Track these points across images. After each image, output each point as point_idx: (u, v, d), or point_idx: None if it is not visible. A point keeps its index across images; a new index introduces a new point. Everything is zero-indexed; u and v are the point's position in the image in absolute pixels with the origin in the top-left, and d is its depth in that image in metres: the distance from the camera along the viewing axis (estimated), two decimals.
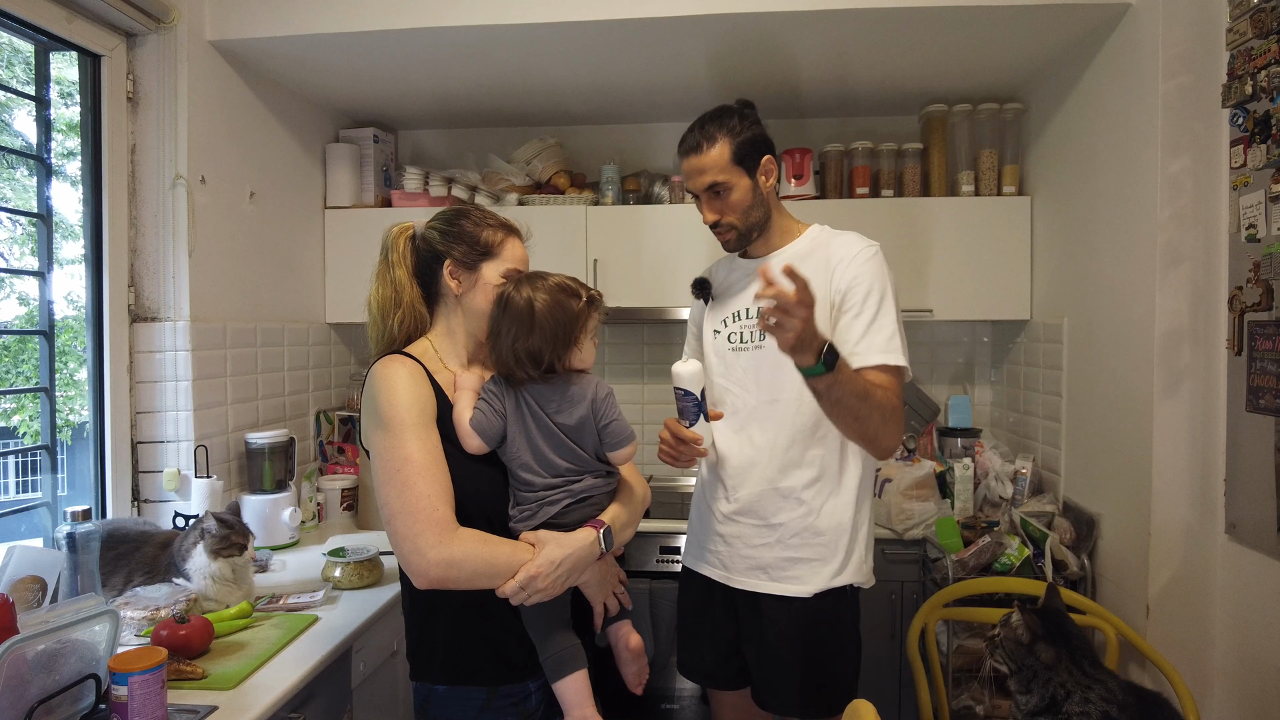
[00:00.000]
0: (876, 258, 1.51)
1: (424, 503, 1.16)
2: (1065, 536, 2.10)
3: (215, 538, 1.61)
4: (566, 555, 1.20)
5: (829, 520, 1.51)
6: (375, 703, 1.72)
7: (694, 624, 1.67)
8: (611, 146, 2.90)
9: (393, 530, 1.17)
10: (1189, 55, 1.75)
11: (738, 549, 1.56)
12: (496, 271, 1.31)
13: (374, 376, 1.24)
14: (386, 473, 1.18)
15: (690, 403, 1.42)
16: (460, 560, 1.16)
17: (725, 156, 1.48)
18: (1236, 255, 1.67)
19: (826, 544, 1.51)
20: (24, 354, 1.86)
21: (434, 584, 1.16)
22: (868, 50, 2.19)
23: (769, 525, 1.53)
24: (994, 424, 2.83)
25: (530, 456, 1.25)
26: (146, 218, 2.02)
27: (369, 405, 1.24)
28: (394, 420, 1.19)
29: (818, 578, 1.50)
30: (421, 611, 1.28)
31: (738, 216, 1.53)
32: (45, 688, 1.13)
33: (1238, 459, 1.68)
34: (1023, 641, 1.45)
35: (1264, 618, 1.61)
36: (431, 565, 1.14)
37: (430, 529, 1.15)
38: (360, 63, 2.27)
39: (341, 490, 2.46)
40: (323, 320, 2.69)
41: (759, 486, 1.53)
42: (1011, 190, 2.52)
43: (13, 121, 1.83)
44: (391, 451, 1.18)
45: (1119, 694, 1.41)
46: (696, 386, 1.41)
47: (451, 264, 1.32)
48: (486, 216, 1.35)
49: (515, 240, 1.36)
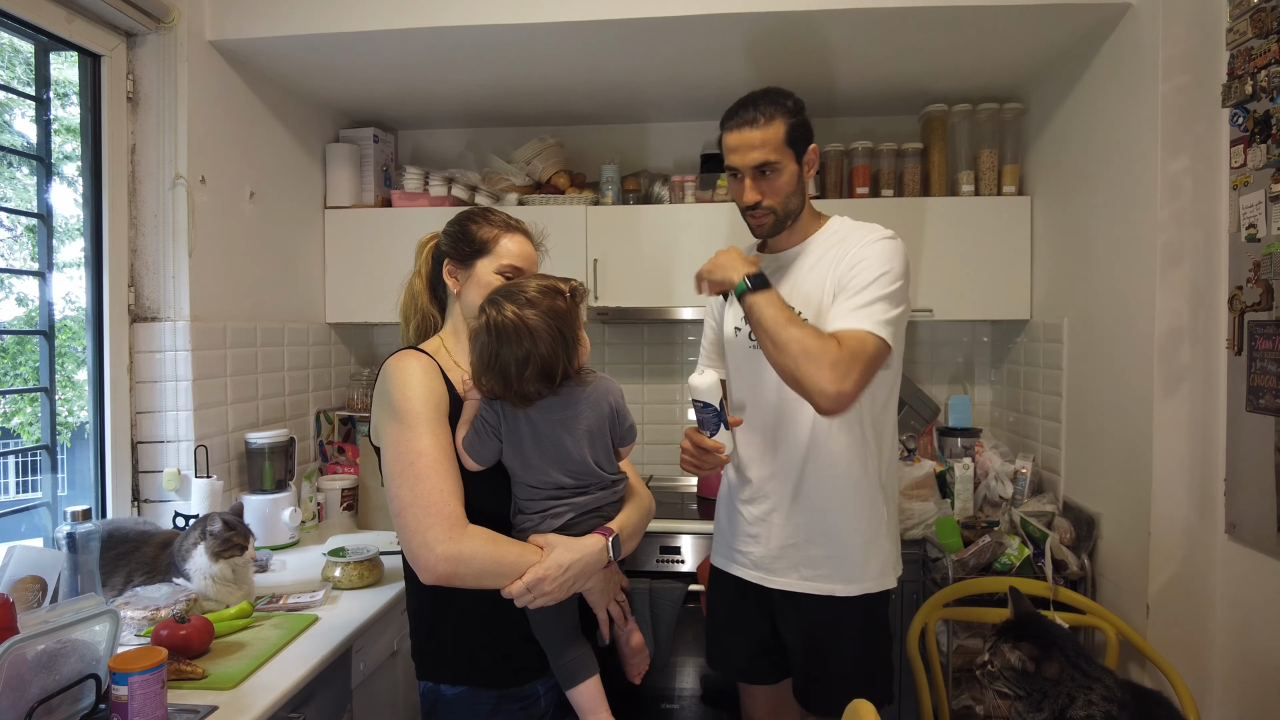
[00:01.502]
0: (884, 243, 1.46)
1: (436, 497, 1.15)
2: (1065, 536, 2.10)
3: (217, 539, 1.61)
4: (575, 560, 1.20)
5: (855, 516, 1.50)
6: (375, 703, 1.72)
7: (725, 621, 1.67)
8: (611, 146, 2.90)
9: (402, 523, 1.16)
10: (1189, 55, 1.75)
11: (770, 548, 1.55)
12: (490, 268, 1.31)
13: (388, 370, 1.24)
14: (399, 465, 1.17)
15: (710, 414, 1.43)
16: (469, 557, 1.15)
17: (780, 135, 1.43)
18: (1236, 255, 1.67)
19: (856, 542, 1.50)
20: (23, 354, 1.86)
21: (440, 580, 1.15)
22: (868, 50, 2.19)
23: (795, 524, 1.52)
24: (994, 424, 2.83)
25: (532, 476, 1.24)
26: (146, 218, 2.02)
27: (382, 398, 1.23)
28: (408, 413, 1.19)
29: (849, 577, 1.50)
30: (430, 610, 1.28)
31: (779, 201, 1.48)
32: (45, 687, 1.13)
33: (1238, 459, 1.68)
34: (1028, 671, 1.43)
35: (1264, 617, 1.61)
36: (439, 560, 1.14)
37: (441, 523, 1.14)
38: (360, 63, 2.27)
39: (341, 490, 2.46)
40: (323, 320, 2.69)
41: (783, 485, 1.53)
42: (1011, 190, 2.52)
43: (13, 121, 1.83)
44: (405, 444, 1.18)
45: (1117, 691, 1.41)
46: (714, 398, 1.41)
47: (450, 263, 1.34)
48: (491, 216, 1.36)
49: (514, 236, 1.35)
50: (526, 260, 1.35)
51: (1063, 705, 1.40)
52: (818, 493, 1.51)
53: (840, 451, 1.49)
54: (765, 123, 1.43)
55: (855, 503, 1.50)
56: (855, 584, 1.50)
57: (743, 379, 1.59)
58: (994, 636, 1.50)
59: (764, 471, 1.55)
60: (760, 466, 1.56)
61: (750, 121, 1.44)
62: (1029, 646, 1.43)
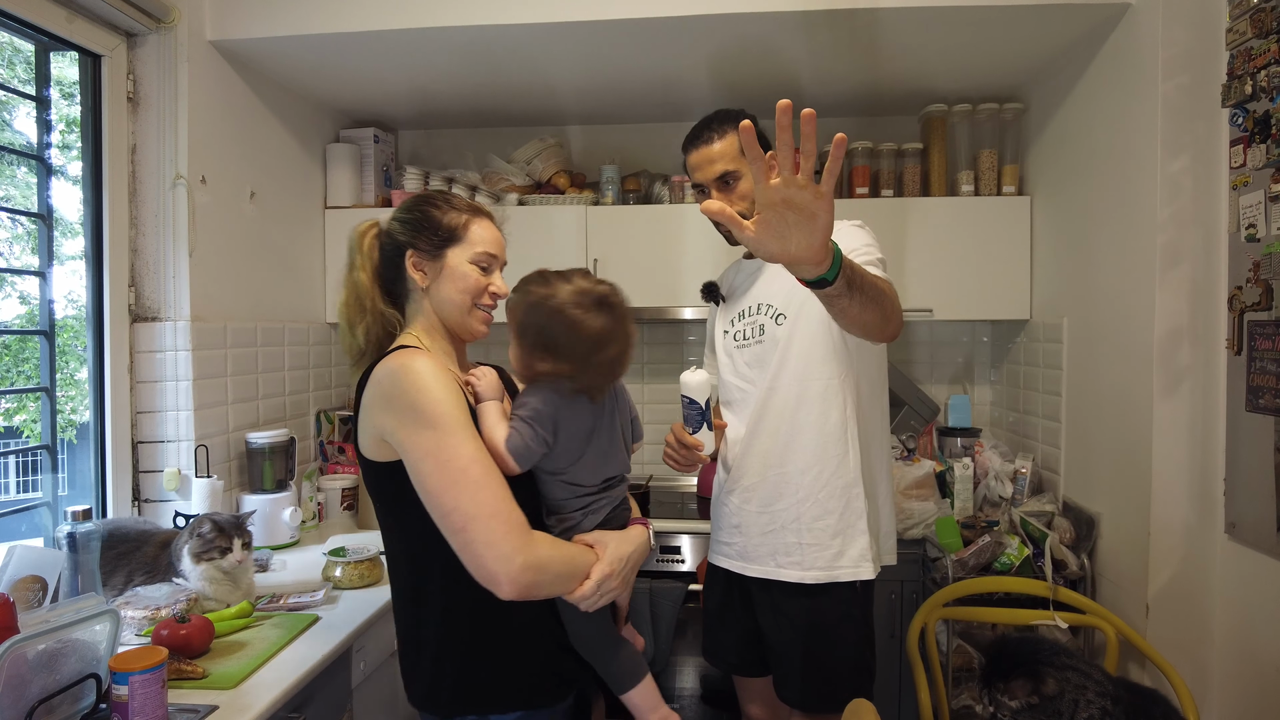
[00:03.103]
0: (852, 228, 1.54)
1: (502, 505, 1.07)
2: (1065, 536, 2.10)
3: (200, 540, 1.60)
4: (632, 552, 1.19)
5: (827, 505, 1.53)
6: (375, 703, 1.72)
7: (716, 614, 1.72)
8: (611, 146, 2.90)
9: (469, 538, 1.06)
10: (1189, 55, 1.75)
11: (750, 537, 1.60)
12: (464, 258, 1.23)
13: (398, 373, 1.12)
14: (450, 475, 1.07)
15: (694, 411, 1.49)
16: (545, 563, 1.09)
17: (735, 146, 1.52)
18: (1236, 255, 1.68)
19: (826, 529, 1.53)
20: (24, 354, 1.86)
21: (522, 592, 1.07)
22: (868, 50, 2.19)
23: (771, 512, 1.56)
24: (994, 424, 2.83)
25: (583, 472, 1.20)
26: (147, 217, 2.02)
27: (399, 403, 1.11)
28: (443, 417, 1.09)
29: (817, 564, 1.53)
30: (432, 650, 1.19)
31: (746, 206, 1.53)
32: (46, 687, 1.13)
33: (1237, 459, 1.69)
34: (1035, 704, 1.42)
35: (1264, 617, 1.61)
36: (521, 571, 1.06)
37: (514, 533, 1.07)
38: (360, 63, 2.27)
39: (342, 490, 2.46)
40: (323, 320, 2.69)
41: (761, 474, 1.57)
42: (1011, 190, 2.52)
43: (13, 121, 1.83)
44: (451, 451, 1.08)
45: (1108, 685, 1.41)
46: (701, 396, 1.48)
47: (415, 255, 1.23)
48: (453, 200, 1.27)
49: (483, 222, 1.26)
50: (499, 246, 1.27)
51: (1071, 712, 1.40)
52: (794, 481, 1.54)
53: (816, 442, 1.53)
54: (718, 138, 1.53)
55: (828, 492, 1.53)
56: (823, 571, 1.52)
57: (730, 378, 1.65)
58: (982, 687, 1.47)
59: (745, 463, 1.60)
60: (742, 458, 1.60)
61: (706, 140, 1.54)
62: (1021, 683, 1.40)
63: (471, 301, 1.25)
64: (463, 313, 1.25)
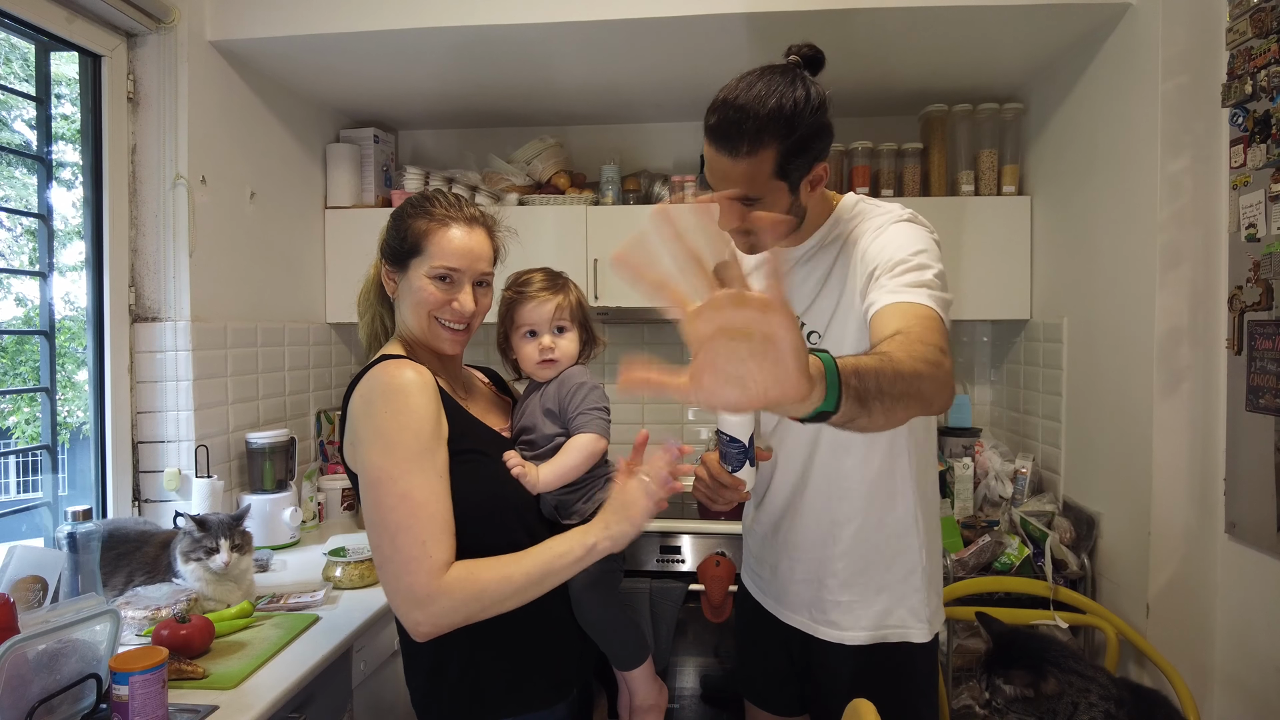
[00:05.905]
0: (901, 224, 1.25)
1: (417, 550, 1.03)
2: (1065, 536, 2.10)
3: (188, 540, 1.60)
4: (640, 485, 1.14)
5: (869, 559, 1.30)
6: (375, 703, 1.72)
7: (747, 644, 1.54)
8: (611, 146, 2.90)
9: (383, 577, 1.07)
10: (1189, 55, 1.75)
11: (781, 579, 1.39)
12: (420, 271, 1.14)
13: (377, 387, 1.09)
14: (381, 512, 1.06)
15: (735, 449, 1.17)
16: (455, 605, 1.05)
17: (766, 169, 1.14)
18: (1236, 255, 1.68)
19: (870, 582, 1.30)
20: (23, 354, 1.86)
21: (434, 632, 1.06)
22: (868, 50, 2.19)
23: (803, 560, 1.34)
24: (994, 423, 2.83)
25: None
26: (147, 218, 2.02)
27: (366, 416, 1.08)
28: (398, 448, 1.05)
29: (863, 622, 1.30)
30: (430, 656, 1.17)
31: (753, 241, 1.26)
32: (46, 687, 1.13)
33: (1237, 459, 1.69)
34: (1031, 697, 1.42)
35: (1264, 617, 1.61)
36: (419, 623, 1.05)
37: (421, 582, 1.03)
38: (360, 63, 2.27)
39: (342, 490, 2.46)
40: (323, 320, 2.69)
41: (785, 511, 1.36)
42: (1011, 190, 2.52)
43: (13, 121, 1.83)
44: (388, 486, 1.05)
45: (1113, 688, 1.41)
46: (744, 433, 1.14)
47: (385, 264, 1.19)
48: (433, 205, 1.17)
49: (451, 231, 1.14)
50: (466, 257, 1.15)
51: (1069, 714, 1.40)
52: (822, 522, 1.31)
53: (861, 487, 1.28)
54: (748, 153, 1.14)
55: (873, 544, 1.29)
56: (854, 630, 1.30)
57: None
58: (982, 672, 1.46)
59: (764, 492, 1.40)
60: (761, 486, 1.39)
61: (732, 151, 1.14)
62: (1021, 674, 1.41)
63: (429, 317, 1.17)
64: (422, 329, 1.18)
